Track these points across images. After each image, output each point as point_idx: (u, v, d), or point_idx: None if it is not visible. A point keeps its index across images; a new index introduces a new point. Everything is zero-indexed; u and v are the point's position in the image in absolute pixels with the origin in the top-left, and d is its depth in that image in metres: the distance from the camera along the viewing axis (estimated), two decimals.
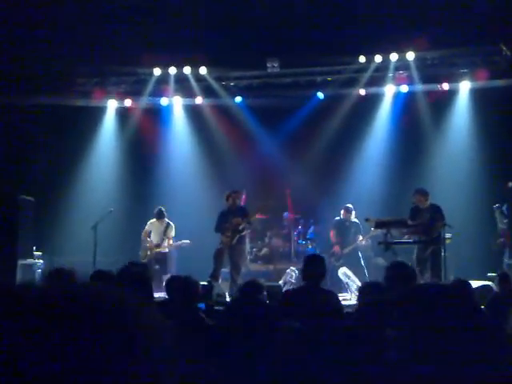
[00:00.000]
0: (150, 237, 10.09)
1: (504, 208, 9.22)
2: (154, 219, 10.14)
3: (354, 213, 9.99)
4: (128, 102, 11.49)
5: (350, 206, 9.99)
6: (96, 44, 10.24)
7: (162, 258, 9.98)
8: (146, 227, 10.20)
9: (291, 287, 8.00)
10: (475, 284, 7.36)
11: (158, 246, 9.99)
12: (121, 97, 11.39)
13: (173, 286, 4.64)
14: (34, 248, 9.53)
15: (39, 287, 0.80)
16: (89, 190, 11.03)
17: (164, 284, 5.41)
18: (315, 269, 4.82)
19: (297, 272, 8.70)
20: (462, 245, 9.46)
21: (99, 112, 11.43)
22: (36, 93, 10.44)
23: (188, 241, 10.07)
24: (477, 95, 10.53)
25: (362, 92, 11.06)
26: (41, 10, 9.73)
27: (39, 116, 10.87)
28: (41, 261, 9.61)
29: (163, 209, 10.11)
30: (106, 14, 10.00)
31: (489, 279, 8.14)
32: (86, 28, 10.05)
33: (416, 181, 10.53)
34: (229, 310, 5.12)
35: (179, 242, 10.13)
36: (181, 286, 4.36)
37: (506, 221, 9.10)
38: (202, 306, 5.46)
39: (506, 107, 10.06)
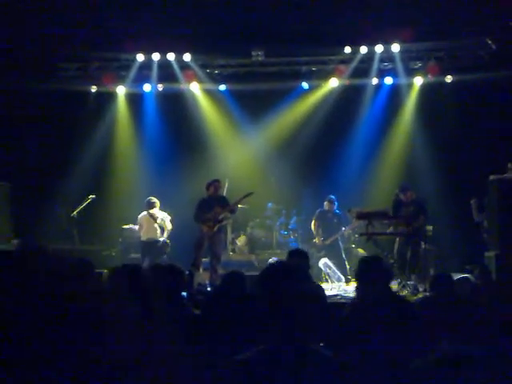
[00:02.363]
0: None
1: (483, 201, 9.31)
2: (145, 212, 9.87)
3: (336, 204, 10.00)
4: (110, 88, 11.32)
5: (332, 197, 10.00)
6: (79, 29, 10.06)
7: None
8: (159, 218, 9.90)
9: None
10: (454, 277, 7.43)
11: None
12: (103, 82, 11.21)
13: (157, 273, 4.59)
14: (12, 235, 9.38)
15: None
16: (70, 177, 10.86)
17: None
18: (299, 262, 4.79)
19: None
20: (440, 237, 9.55)
21: (82, 97, 11.25)
22: (16, 77, 10.23)
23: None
24: (460, 88, 10.58)
25: (347, 82, 11.05)
26: None
27: (19, 101, 10.67)
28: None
29: (150, 199, 9.85)
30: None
31: (467, 271, 8.22)
32: (68, 12, 9.86)
33: (399, 173, 10.61)
34: (212, 300, 5.10)
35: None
36: (166, 274, 4.30)
37: (482, 214, 9.18)
38: (183, 294, 5.42)
39: (491, 99, 10.14)
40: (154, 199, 9.78)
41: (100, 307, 1.72)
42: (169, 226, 9.76)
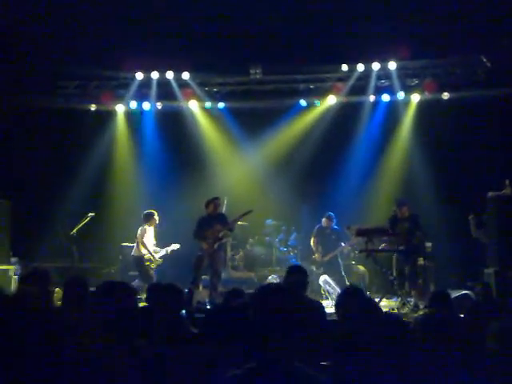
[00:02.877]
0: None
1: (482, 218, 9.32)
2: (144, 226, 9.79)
3: (334, 221, 10.01)
4: (109, 106, 11.39)
5: (331, 213, 10.02)
6: (78, 47, 10.15)
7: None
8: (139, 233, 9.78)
9: None
10: (454, 293, 7.44)
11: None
12: (102, 100, 11.27)
13: (155, 293, 4.58)
14: (11, 253, 9.35)
15: None
16: (69, 195, 10.87)
17: (146, 291, 5.35)
18: (298, 279, 4.80)
19: (278, 279, 8.69)
20: (439, 254, 9.56)
21: (81, 115, 11.30)
22: (16, 95, 10.30)
23: (178, 245, 9.66)
24: (457, 105, 10.66)
25: (344, 100, 11.12)
26: (24, 12, 9.63)
27: (19, 118, 10.72)
28: (17, 266, 9.43)
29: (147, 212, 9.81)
30: (89, 18, 9.91)
31: (467, 288, 8.22)
32: (68, 31, 9.96)
33: (397, 190, 10.64)
34: (212, 318, 5.09)
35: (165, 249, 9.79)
36: (164, 294, 4.30)
37: (480, 230, 9.18)
38: (182, 313, 5.41)
39: (488, 116, 10.21)
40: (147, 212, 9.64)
41: None
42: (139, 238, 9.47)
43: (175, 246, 9.54)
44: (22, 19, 9.63)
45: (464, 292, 7.88)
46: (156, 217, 9.45)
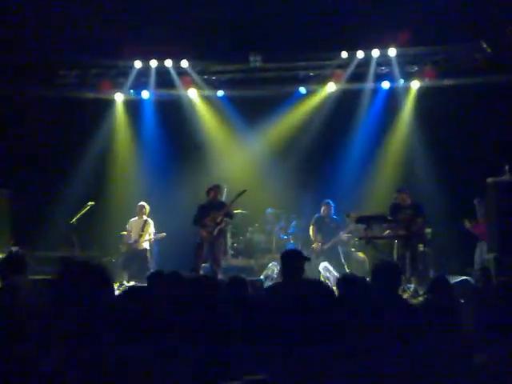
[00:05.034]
0: (129, 234, 10.01)
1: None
2: (136, 217, 10.05)
3: (333, 208, 10.01)
4: (108, 95, 11.35)
5: (329, 201, 10.02)
6: (76, 35, 10.10)
7: (141, 255, 9.88)
8: (127, 225, 10.11)
9: (273, 281, 8.01)
10: (454, 279, 7.48)
11: (136, 242, 9.90)
12: (101, 89, 11.24)
13: (157, 281, 4.58)
14: (12, 242, 9.38)
15: None
16: (69, 184, 10.87)
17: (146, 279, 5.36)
18: (293, 263, 4.80)
19: (278, 266, 8.71)
20: (440, 240, 9.58)
21: (80, 104, 11.27)
22: (15, 84, 10.27)
23: (164, 233, 10.00)
24: (457, 91, 10.62)
25: (344, 87, 11.09)
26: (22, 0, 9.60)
27: (18, 107, 10.70)
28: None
29: (143, 205, 10.01)
30: (88, 6, 9.86)
31: (467, 274, 8.26)
32: (67, 20, 9.91)
33: (397, 177, 10.64)
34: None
35: (153, 236, 10.03)
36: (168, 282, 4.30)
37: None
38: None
39: (488, 102, 10.18)
40: (143, 204, 10.07)
41: None
42: (150, 230, 10.05)
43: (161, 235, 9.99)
44: (19, 7, 9.57)
45: (464, 278, 7.91)
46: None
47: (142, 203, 10.06)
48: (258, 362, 2.81)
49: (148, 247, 10.03)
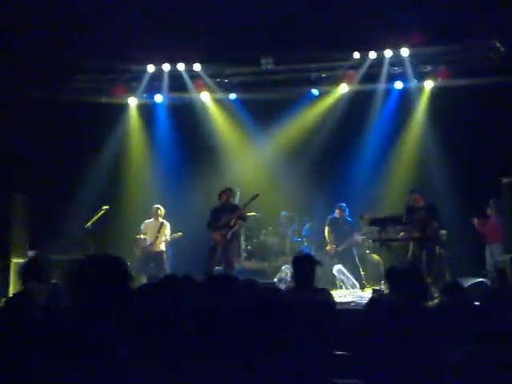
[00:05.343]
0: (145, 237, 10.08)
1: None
2: (151, 219, 10.11)
3: (347, 211, 9.99)
4: (121, 99, 11.43)
5: (343, 204, 10.00)
6: (90, 40, 10.18)
7: (157, 257, 9.94)
8: (142, 226, 10.16)
9: (286, 284, 8.00)
10: (469, 281, 7.41)
11: (152, 244, 9.95)
12: (115, 93, 11.32)
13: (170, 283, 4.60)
14: (28, 247, 9.46)
15: None
16: (83, 188, 10.95)
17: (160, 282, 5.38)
18: (304, 268, 4.79)
19: (291, 269, 8.68)
20: (455, 242, 9.49)
21: (94, 109, 11.35)
22: (30, 89, 10.36)
23: (180, 233, 10.03)
24: (471, 91, 10.52)
25: (356, 88, 11.04)
26: (37, 5, 9.69)
27: (33, 112, 10.79)
28: None
29: (158, 208, 10.07)
30: (101, 11, 9.93)
31: (483, 276, 8.18)
32: (80, 25, 9.99)
33: (411, 178, 10.56)
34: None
35: (170, 236, 10.08)
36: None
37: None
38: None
39: (502, 101, 10.07)
40: (159, 207, 10.12)
41: None
42: (166, 232, 10.12)
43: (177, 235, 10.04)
44: (34, 12, 9.67)
45: (479, 279, 7.83)
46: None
47: (157, 205, 10.11)
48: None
49: (164, 249, 10.06)
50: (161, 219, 10.06)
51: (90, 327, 2.62)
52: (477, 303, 4.82)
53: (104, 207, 9.81)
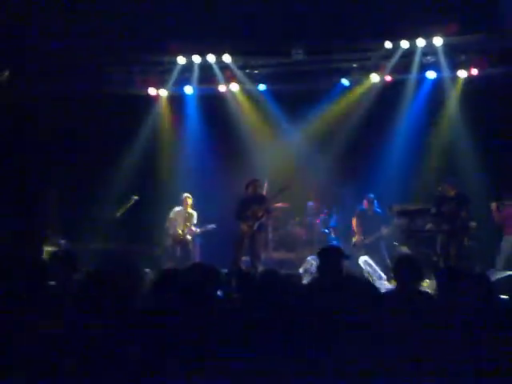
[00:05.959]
0: (174, 225, 10.20)
1: None
2: (180, 207, 10.25)
3: (375, 202, 9.90)
4: (152, 91, 11.55)
5: (371, 195, 9.92)
6: (121, 32, 10.30)
7: (185, 246, 10.07)
8: (171, 215, 10.29)
9: (311, 275, 8.00)
10: (499, 275, 7.27)
11: (182, 233, 10.08)
12: (146, 85, 11.46)
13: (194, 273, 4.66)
14: (60, 236, 9.71)
15: None
16: (115, 179, 11.14)
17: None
18: (330, 260, 4.77)
19: (317, 260, 8.66)
20: (485, 234, 9.29)
21: (126, 101, 11.50)
22: (62, 82, 10.57)
23: (213, 225, 10.11)
24: (506, 81, 10.24)
25: (388, 78, 10.89)
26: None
27: (66, 105, 11.00)
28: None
29: (188, 196, 10.18)
30: (132, 3, 10.04)
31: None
32: (112, 18, 10.11)
33: (442, 169, 10.39)
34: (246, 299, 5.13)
35: (202, 228, 10.18)
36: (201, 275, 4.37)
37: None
38: (218, 294, 5.48)
39: None
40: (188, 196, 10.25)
41: None
42: (194, 221, 10.27)
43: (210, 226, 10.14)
44: (64, 6, 9.84)
45: (509, 273, 7.68)
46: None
47: (187, 194, 10.21)
48: None
49: (190, 238, 10.18)
50: (189, 208, 10.17)
51: None
52: (504, 297, 4.73)
53: (134, 197, 9.97)
